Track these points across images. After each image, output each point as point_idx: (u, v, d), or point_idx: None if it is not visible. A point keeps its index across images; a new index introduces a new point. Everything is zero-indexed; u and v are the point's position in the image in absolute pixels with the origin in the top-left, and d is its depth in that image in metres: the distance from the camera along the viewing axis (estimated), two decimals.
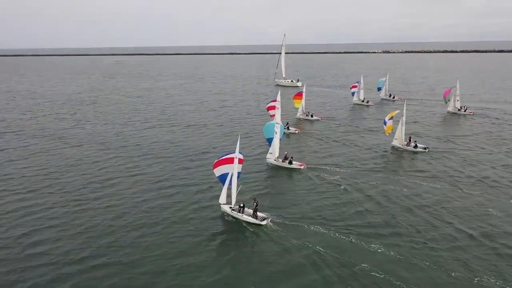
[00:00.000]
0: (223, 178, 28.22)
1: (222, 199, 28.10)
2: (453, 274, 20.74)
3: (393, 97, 79.50)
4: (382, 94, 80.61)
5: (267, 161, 39.49)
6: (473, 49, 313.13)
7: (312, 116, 61.39)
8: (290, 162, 38.15)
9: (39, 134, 53.55)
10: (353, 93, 75.47)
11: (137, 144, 47.71)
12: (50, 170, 38.50)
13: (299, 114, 61.70)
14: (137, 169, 38.58)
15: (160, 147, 46.46)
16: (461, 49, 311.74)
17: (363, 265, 21.46)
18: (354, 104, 74.74)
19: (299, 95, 60.33)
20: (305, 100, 62.64)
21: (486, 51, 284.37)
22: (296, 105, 61.09)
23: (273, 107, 44.76)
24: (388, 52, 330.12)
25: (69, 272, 21.59)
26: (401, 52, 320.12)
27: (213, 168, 28.79)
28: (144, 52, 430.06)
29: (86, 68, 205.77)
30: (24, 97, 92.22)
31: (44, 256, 23.11)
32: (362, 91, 75.48)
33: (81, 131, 55.49)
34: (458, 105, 64.21)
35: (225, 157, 28.26)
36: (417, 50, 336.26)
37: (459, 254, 22.56)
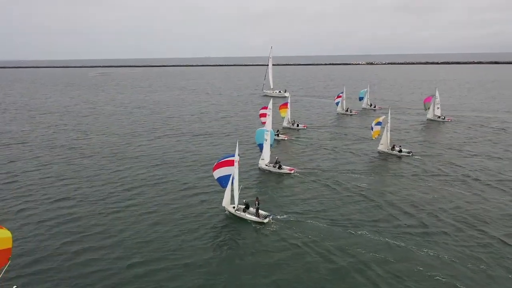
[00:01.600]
0: (222, 180, 29.60)
1: (226, 201, 29.59)
2: (426, 251, 24.06)
3: (374, 107, 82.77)
4: (364, 103, 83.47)
5: (259, 166, 41.28)
6: (453, 60, 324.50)
7: (298, 125, 63.38)
8: (280, 167, 39.97)
9: (47, 146, 53.26)
10: (337, 103, 78.26)
11: (150, 154, 48.16)
12: (70, 180, 38.71)
13: (285, 123, 63.57)
14: (157, 177, 39.20)
15: (173, 156, 47.13)
16: (443, 61, 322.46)
17: (362, 252, 23.93)
18: (338, 113, 77.34)
19: (284, 105, 62.31)
20: (293, 109, 64.68)
21: (466, 63, 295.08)
22: (282, 114, 63.04)
23: (264, 115, 47.09)
24: (372, 63, 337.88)
25: (118, 278, 22.15)
26: (384, 64, 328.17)
27: (213, 171, 30.19)
28: (128, 64, 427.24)
29: (72, 79, 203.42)
30: (17, 109, 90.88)
31: (90, 264, 23.55)
32: (345, 101, 78.41)
33: (89, 142, 55.45)
34: (438, 112, 67.96)
35: (225, 159, 29.66)
36: (399, 61, 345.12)
37: (437, 240, 25.57)
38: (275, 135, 48.74)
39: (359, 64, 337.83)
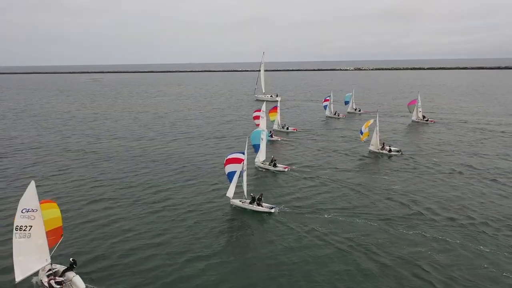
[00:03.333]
0: (230, 174, 31.83)
1: (231, 193, 31.36)
2: (413, 233, 27.17)
3: (359, 110, 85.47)
4: (349, 107, 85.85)
5: (255, 164, 43.32)
6: (439, 66, 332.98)
7: (287, 128, 65.19)
8: (275, 165, 42.26)
9: (61, 150, 53.17)
10: (325, 107, 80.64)
11: (169, 157, 48.89)
12: (96, 182, 39.13)
13: (275, 127, 65.20)
14: (184, 178, 40.05)
15: (194, 158, 47.88)
16: (428, 66, 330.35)
17: (360, 237, 26.41)
18: (326, 117, 79.75)
19: (274, 109, 63.92)
20: (283, 113, 67.00)
21: (451, 68, 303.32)
22: (272, 118, 64.56)
23: (258, 117, 49.98)
24: (360, 69, 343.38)
25: (177, 272, 22.98)
26: (372, 70, 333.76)
27: (225, 165, 32.41)
28: (116, 70, 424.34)
29: (65, 85, 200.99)
30: (17, 115, 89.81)
31: (146, 261, 24.20)
32: (332, 105, 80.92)
33: (103, 146, 55.71)
34: (420, 115, 71.85)
35: (234, 156, 31.99)
36: (386, 67, 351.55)
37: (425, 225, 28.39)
38: (268, 136, 51.01)
39: (347, 70, 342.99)
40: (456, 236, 26.35)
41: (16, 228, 20.49)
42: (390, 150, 48.75)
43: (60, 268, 22.11)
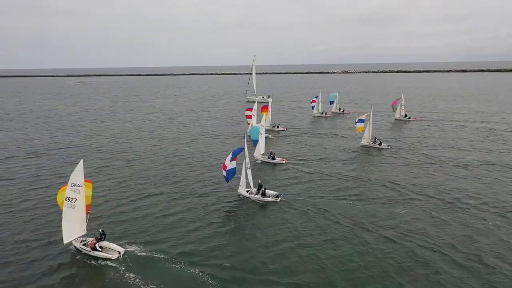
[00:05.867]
0: (231, 171, 33.69)
1: (243, 184, 33.90)
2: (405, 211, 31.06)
3: (343, 111, 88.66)
4: (334, 108, 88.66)
5: (255, 158, 45.98)
6: (425, 69, 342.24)
7: (278, 127, 67.68)
8: (273, 158, 45.28)
9: (84, 151, 53.43)
10: (313, 107, 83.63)
11: (200, 155, 50.31)
12: (139, 179, 40.19)
13: (266, 125, 66.47)
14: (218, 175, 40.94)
15: (220, 156, 48.91)
16: (414, 69, 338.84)
17: (360, 218, 29.60)
18: (314, 116, 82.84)
19: (265, 107, 65.59)
20: (273, 113, 70.62)
21: (436, 71, 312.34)
22: (265, 117, 66.09)
23: (250, 116, 53.91)
24: (347, 72, 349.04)
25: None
26: (359, 72, 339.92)
27: (224, 169, 33.75)
28: (104, 73, 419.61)
29: (57, 88, 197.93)
30: (23, 117, 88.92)
31: (220, 246, 25.79)
32: (320, 105, 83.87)
33: (124, 146, 56.36)
34: (403, 113, 76.71)
35: (235, 156, 33.78)
36: (373, 70, 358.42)
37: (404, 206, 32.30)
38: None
39: (335, 72, 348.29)
40: (440, 211, 30.57)
41: (66, 198, 24.04)
42: (380, 144, 52.60)
43: (92, 239, 24.80)
